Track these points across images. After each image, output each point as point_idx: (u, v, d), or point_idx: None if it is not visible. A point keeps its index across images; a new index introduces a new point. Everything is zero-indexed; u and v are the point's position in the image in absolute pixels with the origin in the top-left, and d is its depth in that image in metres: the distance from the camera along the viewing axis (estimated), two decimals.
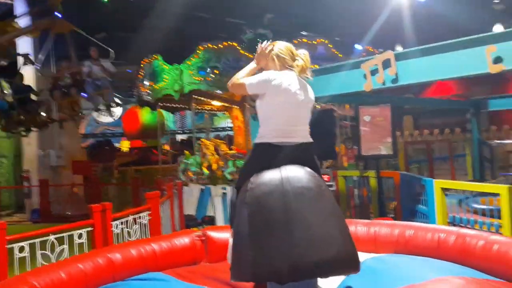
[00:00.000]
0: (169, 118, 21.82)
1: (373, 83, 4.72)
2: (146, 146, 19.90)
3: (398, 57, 4.52)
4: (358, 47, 12.48)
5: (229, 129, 20.04)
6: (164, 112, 16.72)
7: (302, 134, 2.98)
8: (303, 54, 3.03)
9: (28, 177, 11.40)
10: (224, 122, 22.40)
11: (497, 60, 3.87)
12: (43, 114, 9.12)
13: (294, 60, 3.01)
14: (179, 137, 23.77)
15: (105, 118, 24.40)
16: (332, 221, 2.80)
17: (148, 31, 11.12)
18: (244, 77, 3.07)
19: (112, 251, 3.70)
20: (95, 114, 24.32)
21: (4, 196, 11.78)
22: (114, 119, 24.09)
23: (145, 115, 18.53)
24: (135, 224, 4.96)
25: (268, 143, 2.90)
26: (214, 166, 11.18)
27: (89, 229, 4.30)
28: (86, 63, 8.91)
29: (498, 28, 13.28)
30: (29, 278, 3.05)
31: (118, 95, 13.87)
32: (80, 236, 4.18)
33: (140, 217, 5.08)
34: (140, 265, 3.77)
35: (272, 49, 3.05)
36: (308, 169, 2.92)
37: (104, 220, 4.40)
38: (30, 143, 11.62)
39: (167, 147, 19.58)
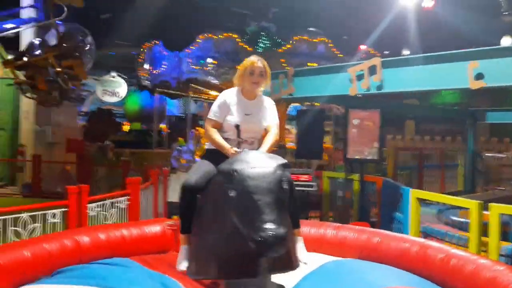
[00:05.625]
0: (171, 103, 21.81)
1: (358, 88, 4.73)
2: (145, 129, 19.97)
3: (384, 64, 4.52)
4: (363, 47, 12.46)
5: None
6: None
7: None
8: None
9: (23, 152, 11.47)
10: None
11: (479, 76, 3.87)
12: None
13: None
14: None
15: (109, 98, 24.31)
16: None
17: (151, 15, 11.10)
18: None
19: (80, 233, 3.76)
20: (99, 92, 24.29)
21: None
22: (119, 99, 24.05)
23: (145, 99, 18.62)
24: (112, 208, 5.02)
25: None
26: None
27: (64, 209, 4.36)
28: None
29: (506, 41, 13.20)
30: None
31: (122, 76, 13.85)
32: (53, 215, 4.24)
33: (118, 201, 5.14)
34: (107, 249, 3.82)
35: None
36: None
37: (79, 202, 4.45)
38: (28, 118, 11.66)
39: (164, 127, 19.43)
